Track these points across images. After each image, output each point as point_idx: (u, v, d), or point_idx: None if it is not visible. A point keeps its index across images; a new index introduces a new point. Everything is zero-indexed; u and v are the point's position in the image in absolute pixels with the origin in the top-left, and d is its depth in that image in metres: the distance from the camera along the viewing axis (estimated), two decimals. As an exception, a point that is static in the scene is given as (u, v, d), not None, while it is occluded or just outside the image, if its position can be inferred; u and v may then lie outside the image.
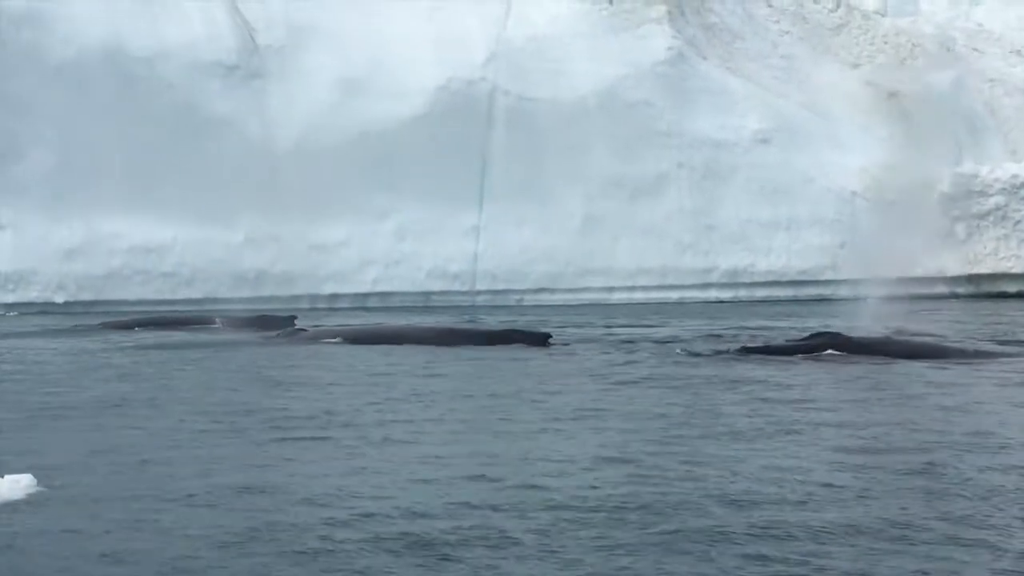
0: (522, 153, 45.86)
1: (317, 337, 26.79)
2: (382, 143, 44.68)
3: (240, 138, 43.60)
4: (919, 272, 47.50)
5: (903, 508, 9.06)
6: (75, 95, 42.06)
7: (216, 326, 32.26)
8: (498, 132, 46.24)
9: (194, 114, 43.33)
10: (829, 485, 9.83)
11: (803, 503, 9.03)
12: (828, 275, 47.42)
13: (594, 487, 9.76)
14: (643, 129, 47.08)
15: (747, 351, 21.27)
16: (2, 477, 9.19)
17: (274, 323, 31.17)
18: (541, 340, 24.48)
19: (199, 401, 15.01)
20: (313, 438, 12.21)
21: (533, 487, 9.60)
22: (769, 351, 21.25)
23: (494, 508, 8.87)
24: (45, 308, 41.00)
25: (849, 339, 21.00)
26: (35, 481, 9.32)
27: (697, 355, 21.21)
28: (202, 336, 28.90)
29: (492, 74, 46.55)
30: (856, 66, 53.19)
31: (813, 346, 20.80)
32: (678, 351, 22.22)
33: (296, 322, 30.97)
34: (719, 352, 21.38)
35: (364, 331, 27.34)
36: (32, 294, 41.26)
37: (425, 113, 45.38)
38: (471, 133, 45.78)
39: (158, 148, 42.31)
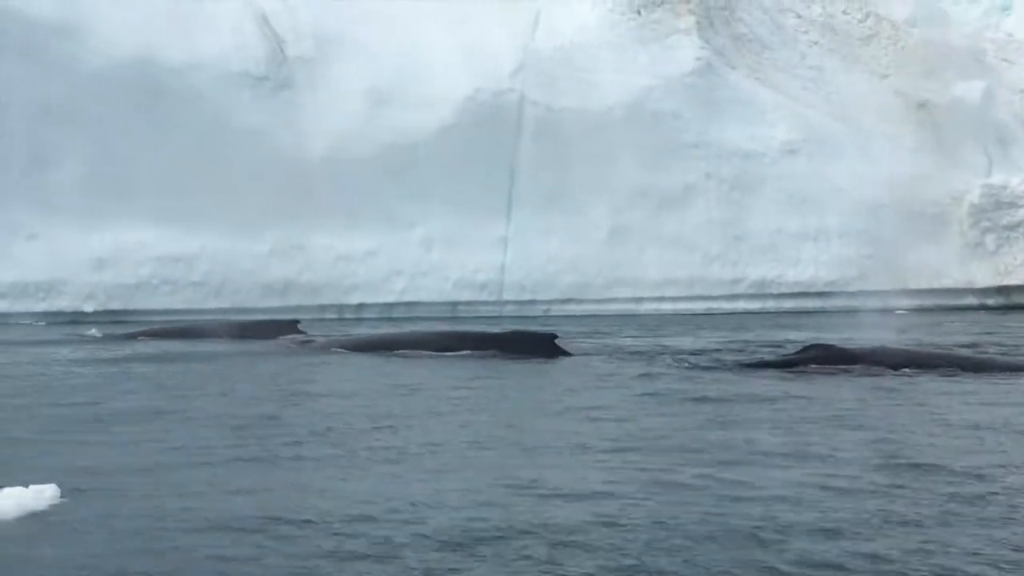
0: (550, 163, 45.92)
1: (327, 346, 26.79)
2: (410, 153, 44.81)
3: (269, 148, 43.78)
4: (948, 283, 47.40)
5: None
6: (106, 105, 42.32)
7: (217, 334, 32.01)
8: (526, 142, 46.30)
9: (223, 125, 43.51)
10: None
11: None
12: (856, 286, 47.23)
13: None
14: (671, 140, 47.08)
15: (742, 366, 21.12)
16: (26, 487, 9.21)
17: (274, 329, 31.21)
18: (547, 341, 24.05)
19: (224, 414, 15.00)
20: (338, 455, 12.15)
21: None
22: (763, 365, 21.09)
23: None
24: (75, 318, 41.20)
25: (841, 350, 20.82)
26: (59, 492, 9.33)
27: (692, 368, 21.12)
28: (213, 345, 28.80)
29: (520, 84, 46.63)
30: (885, 76, 53.03)
31: (803, 359, 20.64)
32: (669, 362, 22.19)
33: (299, 327, 31.28)
34: (710, 367, 21.19)
35: (369, 340, 27.39)
36: (62, 303, 41.48)
37: (453, 123, 45.48)
38: (499, 143, 45.85)
39: (187, 158, 42.53)
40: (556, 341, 23.89)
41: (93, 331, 30.97)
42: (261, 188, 43.02)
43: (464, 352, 23.96)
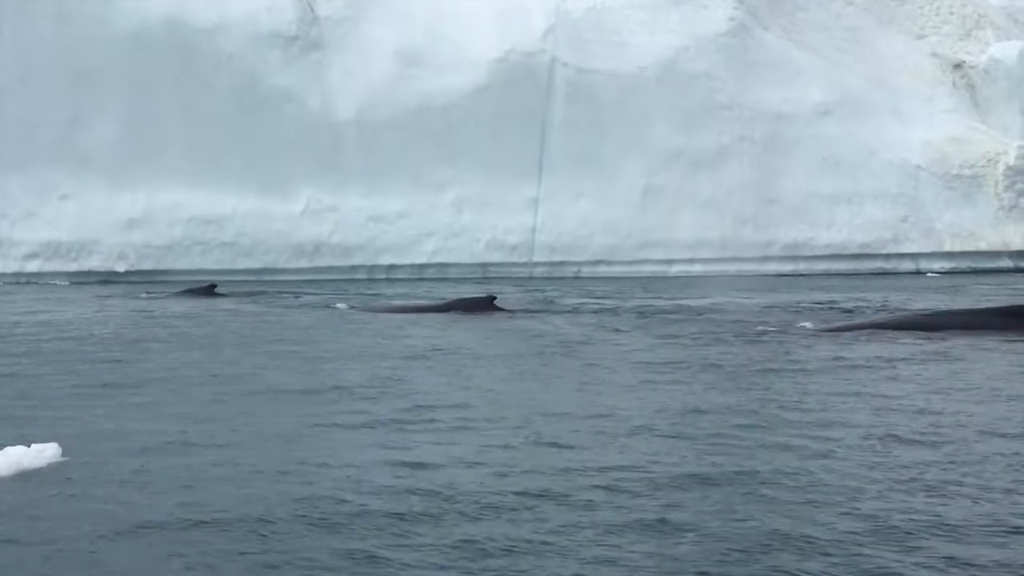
0: (581, 125, 45.68)
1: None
2: (441, 115, 44.70)
3: (300, 110, 43.82)
4: (983, 246, 46.92)
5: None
6: (138, 67, 42.46)
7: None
8: (557, 104, 46.05)
9: (255, 86, 43.57)
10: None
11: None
12: (890, 249, 46.81)
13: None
14: (704, 101, 46.70)
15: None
16: (28, 446, 9.11)
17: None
18: (487, 304, 25.03)
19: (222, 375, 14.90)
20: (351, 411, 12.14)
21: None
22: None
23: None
24: (107, 277, 41.41)
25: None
26: (60, 451, 9.16)
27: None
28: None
29: (551, 46, 46.36)
30: (921, 37, 52.42)
31: None
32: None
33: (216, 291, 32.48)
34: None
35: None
36: (94, 263, 41.72)
37: (484, 85, 45.30)
38: (530, 105, 45.64)
39: (219, 119, 42.66)
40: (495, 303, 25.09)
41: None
42: (292, 149, 43.12)
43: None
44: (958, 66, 50.76)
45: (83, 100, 42.20)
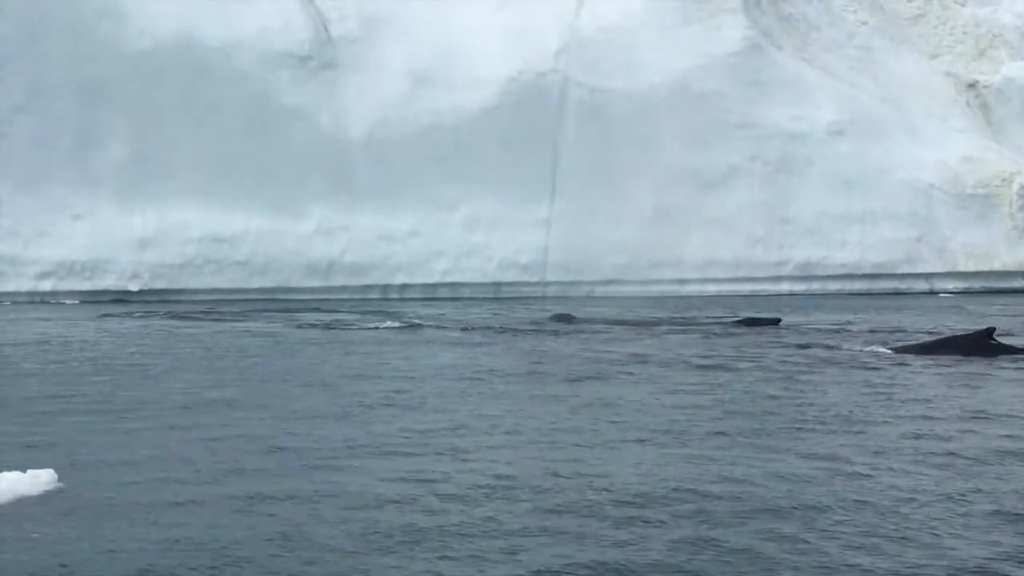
0: (593, 145, 45.66)
1: None
2: (453, 134, 44.69)
3: (312, 129, 43.86)
4: (997, 266, 46.79)
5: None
6: (150, 86, 42.51)
7: None
8: (569, 124, 46.06)
9: (267, 105, 43.60)
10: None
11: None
12: (903, 269, 46.72)
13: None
14: (715, 121, 46.66)
15: None
16: (24, 472, 9.00)
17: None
18: None
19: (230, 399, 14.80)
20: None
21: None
22: None
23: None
24: (120, 296, 41.45)
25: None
26: (56, 477, 9.03)
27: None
28: None
29: (563, 65, 46.37)
30: (934, 57, 52.39)
31: None
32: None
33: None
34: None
35: None
36: (107, 282, 41.73)
37: (496, 104, 45.31)
38: (542, 125, 45.65)
39: (231, 138, 42.70)
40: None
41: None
42: (304, 168, 43.16)
43: None
44: (972, 86, 50.71)
45: (95, 118, 42.23)
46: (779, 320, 27.74)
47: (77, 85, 42.02)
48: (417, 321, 29.32)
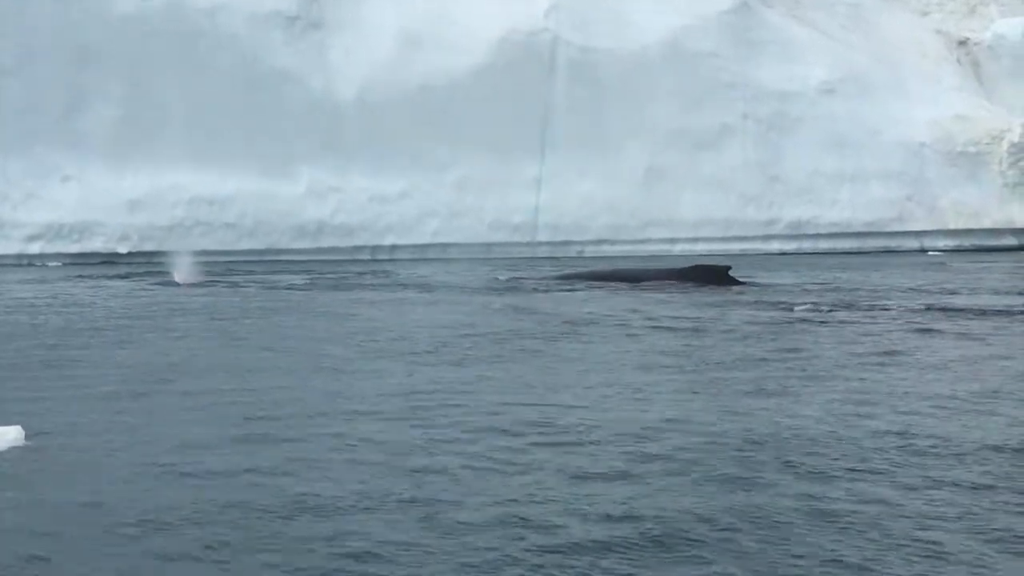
0: (584, 104, 45.56)
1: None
2: (443, 95, 44.54)
3: (302, 90, 43.70)
4: (987, 224, 46.86)
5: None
6: (139, 48, 42.30)
7: None
8: (560, 83, 45.92)
9: (256, 66, 43.41)
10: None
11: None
12: (894, 227, 46.77)
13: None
14: (707, 80, 46.59)
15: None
16: None
17: None
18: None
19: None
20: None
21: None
22: None
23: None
24: (109, 258, 41.39)
25: None
26: (23, 434, 8.91)
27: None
28: None
29: (554, 25, 46.20)
30: (925, 14, 52.29)
31: None
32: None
33: None
34: None
35: None
36: (96, 244, 41.66)
37: (487, 65, 45.15)
38: (533, 85, 45.50)
39: (220, 100, 42.52)
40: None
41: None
42: (294, 130, 43.03)
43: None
44: (962, 43, 50.63)
45: (84, 81, 42.05)
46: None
47: (66, 48, 41.81)
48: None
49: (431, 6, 45.88)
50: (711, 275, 26.45)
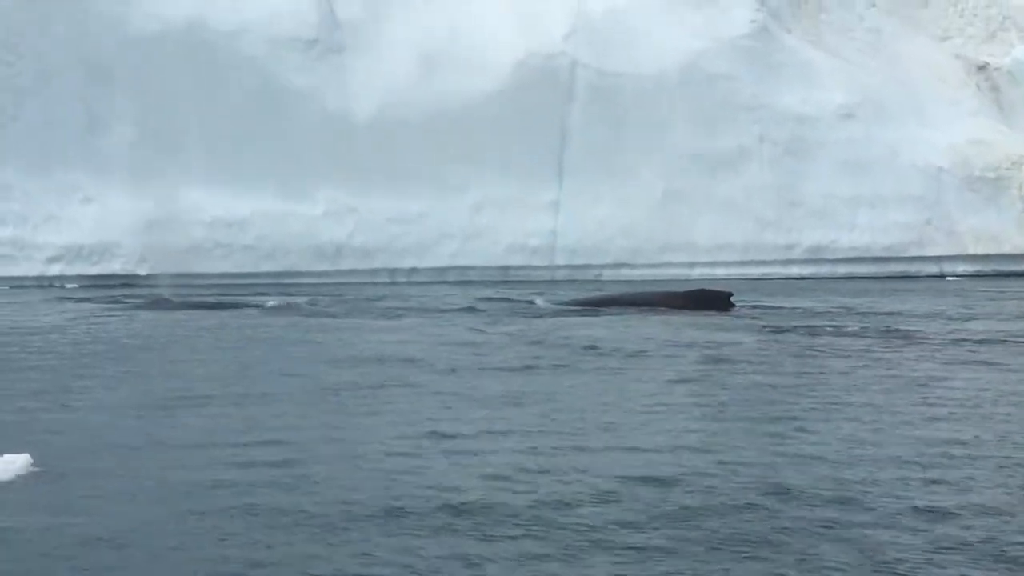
0: (602, 127, 45.51)
1: None
2: (461, 117, 44.51)
3: (320, 112, 43.74)
4: (1007, 249, 46.68)
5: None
6: (157, 69, 42.40)
7: None
8: (578, 106, 45.90)
9: (274, 88, 43.49)
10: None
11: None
12: (912, 252, 46.60)
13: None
14: (725, 103, 46.50)
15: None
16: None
17: None
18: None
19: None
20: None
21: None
22: None
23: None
24: (128, 280, 41.42)
25: None
26: (31, 461, 8.90)
27: None
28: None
29: (572, 48, 46.20)
30: (945, 39, 52.14)
31: None
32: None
33: None
34: None
35: None
36: (115, 266, 41.69)
37: (504, 87, 45.14)
38: (551, 107, 45.49)
39: (239, 121, 42.60)
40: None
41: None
42: (312, 151, 43.05)
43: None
44: (982, 68, 50.49)
45: (103, 102, 42.17)
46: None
47: (85, 69, 41.96)
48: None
49: (450, 29, 45.92)
50: (712, 301, 26.73)
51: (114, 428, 11.16)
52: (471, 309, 27.07)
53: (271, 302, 30.23)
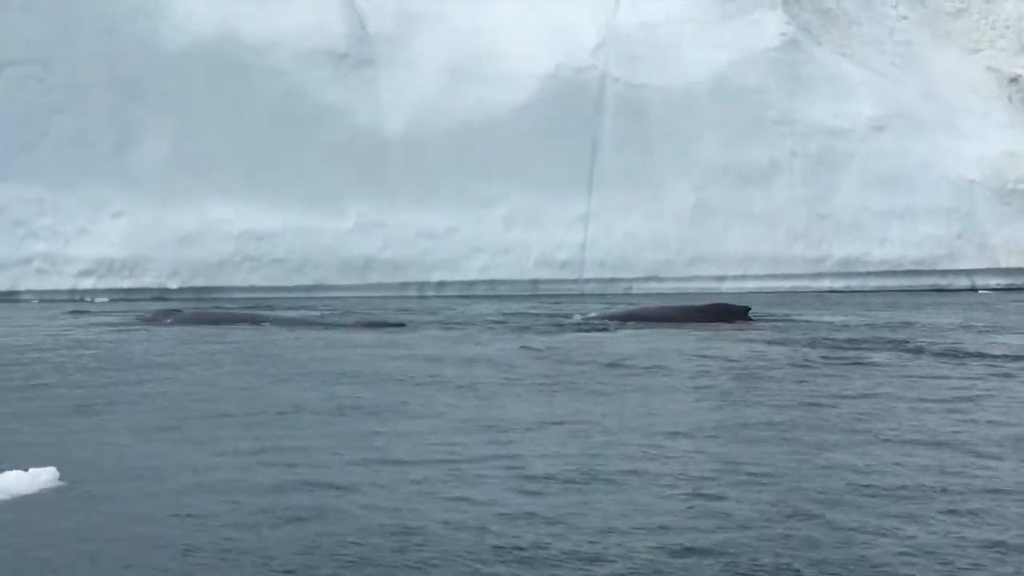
0: (632, 140, 45.48)
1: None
2: (491, 131, 44.56)
3: (350, 126, 43.84)
4: (1040, 263, 46.42)
5: None
6: (188, 83, 42.60)
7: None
8: (608, 119, 45.88)
9: (304, 102, 43.61)
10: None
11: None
12: (944, 265, 46.34)
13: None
14: (755, 116, 46.41)
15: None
16: (25, 470, 8.85)
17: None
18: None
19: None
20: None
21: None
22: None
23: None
24: (160, 294, 41.55)
25: None
26: (57, 475, 8.85)
27: None
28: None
29: (602, 61, 46.21)
30: (976, 51, 51.95)
31: None
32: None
33: None
34: None
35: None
36: (146, 280, 41.82)
37: (534, 100, 45.17)
38: (580, 120, 45.49)
39: (269, 136, 42.74)
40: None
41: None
42: (341, 165, 43.15)
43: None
44: (1014, 80, 50.26)
45: (134, 117, 42.37)
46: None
47: (116, 84, 42.17)
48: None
49: (480, 42, 45.98)
50: (730, 314, 26.95)
51: (142, 444, 11.14)
52: (522, 328, 26.74)
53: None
